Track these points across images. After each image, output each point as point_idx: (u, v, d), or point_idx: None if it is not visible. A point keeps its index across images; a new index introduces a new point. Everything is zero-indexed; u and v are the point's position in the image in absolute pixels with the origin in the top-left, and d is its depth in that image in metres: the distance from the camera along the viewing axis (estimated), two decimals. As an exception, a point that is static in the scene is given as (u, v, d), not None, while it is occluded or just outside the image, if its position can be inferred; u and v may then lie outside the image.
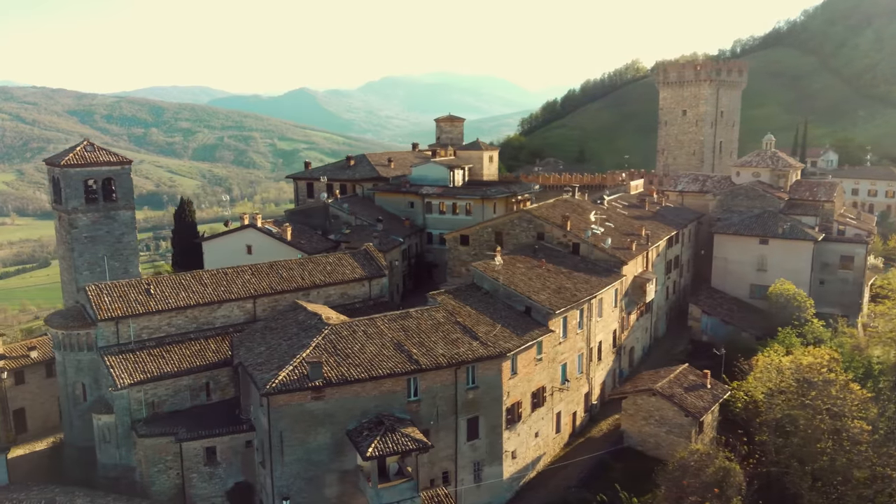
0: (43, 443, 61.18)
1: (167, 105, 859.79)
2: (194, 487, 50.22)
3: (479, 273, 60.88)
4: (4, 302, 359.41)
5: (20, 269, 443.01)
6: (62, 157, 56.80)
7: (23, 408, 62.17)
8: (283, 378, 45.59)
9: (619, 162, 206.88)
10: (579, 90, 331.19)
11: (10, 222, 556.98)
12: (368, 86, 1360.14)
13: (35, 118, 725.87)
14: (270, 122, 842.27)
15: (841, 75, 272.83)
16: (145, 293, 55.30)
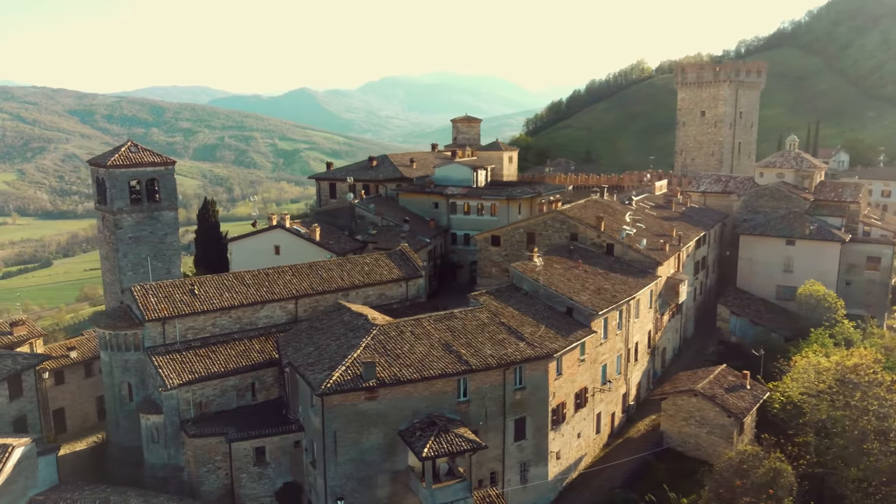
0: (83, 442, 61.32)
1: (167, 105, 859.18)
2: (244, 487, 50.33)
3: (517, 274, 61.01)
4: (6, 302, 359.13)
5: (22, 268, 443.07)
6: (107, 158, 56.88)
7: (62, 408, 62.27)
8: (337, 378, 45.66)
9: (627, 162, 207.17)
10: (584, 90, 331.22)
11: (11, 222, 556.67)
12: (368, 86, 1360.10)
13: (36, 118, 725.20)
14: (271, 122, 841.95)
15: (847, 76, 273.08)
16: (190, 293, 55.42)
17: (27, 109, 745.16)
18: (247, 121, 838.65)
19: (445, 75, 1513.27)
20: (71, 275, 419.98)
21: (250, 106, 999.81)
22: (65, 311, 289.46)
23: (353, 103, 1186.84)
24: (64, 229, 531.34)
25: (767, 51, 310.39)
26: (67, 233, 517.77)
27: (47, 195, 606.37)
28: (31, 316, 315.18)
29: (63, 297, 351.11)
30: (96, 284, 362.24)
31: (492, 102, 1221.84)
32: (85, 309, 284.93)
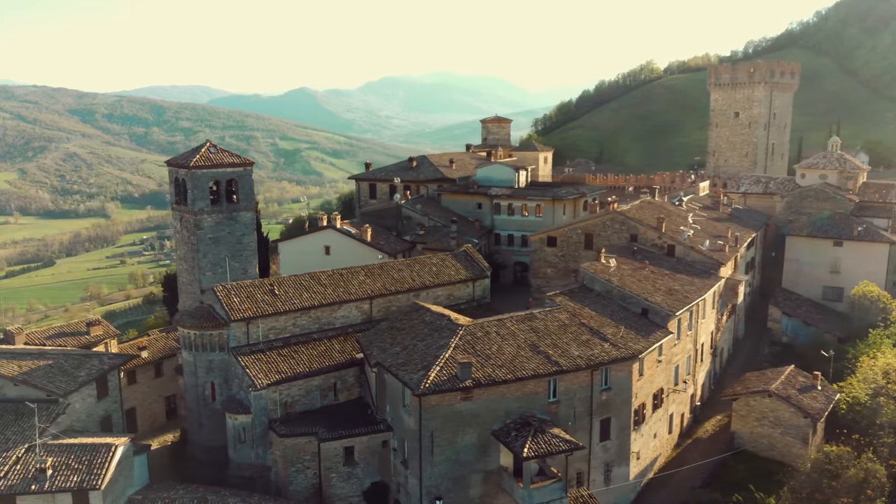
0: (155, 442, 61.41)
1: (168, 104, 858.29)
2: (333, 487, 50.56)
3: (589, 275, 61.31)
4: (11, 301, 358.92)
5: (25, 268, 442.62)
6: (187, 159, 57.06)
7: (133, 407, 62.40)
8: (433, 378, 45.88)
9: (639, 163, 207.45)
10: (593, 90, 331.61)
11: (13, 221, 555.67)
12: (368, 86, 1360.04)
13: (36, 117, 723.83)
14: (271, 122, 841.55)
15: (857, 77, 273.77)
16: (270, 294, 55.59)
17: (27, 108, 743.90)
18: (247, 120, 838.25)
19: (445, 75, 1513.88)
20: (74, 274, 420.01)
21: (250, 105, 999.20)
22: (75, 311, 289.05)
23: (353, 103, 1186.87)
24: (66, 228, 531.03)
25: (775, 51, 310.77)
26: (70, 232, 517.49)
27: (49, 194, 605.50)
28: (38, 315, 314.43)
29: (67, 297, 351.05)
30: (101, 284, 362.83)
31: (491, 102, 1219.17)
32: (95, 308, 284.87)
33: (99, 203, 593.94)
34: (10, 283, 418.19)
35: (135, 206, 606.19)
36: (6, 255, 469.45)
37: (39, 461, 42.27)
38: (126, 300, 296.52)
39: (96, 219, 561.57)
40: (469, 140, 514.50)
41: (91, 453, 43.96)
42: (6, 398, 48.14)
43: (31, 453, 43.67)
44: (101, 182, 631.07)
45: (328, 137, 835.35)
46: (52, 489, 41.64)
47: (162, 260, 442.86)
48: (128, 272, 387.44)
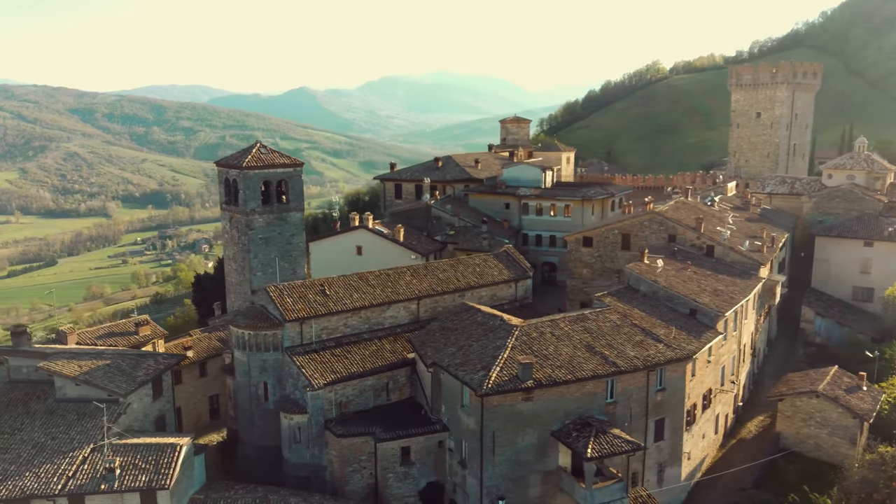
0: (201, 441, 61.36)
1: (168, 104, 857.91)
2: (389, 487, 50.68)
3: (634, 275, 61.47)
4: (15, 300, 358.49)
5: (27, 267, 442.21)
6: (238, 160, 57.10)
7: (179, 407, 62.24)
8: (495, 379, 46.02)
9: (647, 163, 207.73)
10: (599, 91, 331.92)
11: (14, 221, 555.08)
12: (368, 85, 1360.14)
13: (37, 116, 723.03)
14: (272, 122, 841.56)
15: (865, 77, 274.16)
16: (321, 294, 55.71)
17: (28, 108, 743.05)
18: (248, 120, 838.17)
19: (445, 75, 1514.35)
20: (77, 273, 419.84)
21: (250, 105, 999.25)
22: (81, 310, 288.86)
23: (352, 103, 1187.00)
24: (67, 228, 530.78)
25: (781, 52, 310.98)
26: (71, 231, 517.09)
27: (50, 194, 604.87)
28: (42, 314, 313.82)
29: (70, 296, 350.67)
30: (104, 283, 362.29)
31: (491, 102, 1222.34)
32: (101, 308, 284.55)
33: (100, 202, 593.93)
34: (12, 283, 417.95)
35: (136, 205, 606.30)
36: (8, 254, 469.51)
37: (108, 461, 42.38)
38: (132, 300, 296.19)
39: (97, 218, 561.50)
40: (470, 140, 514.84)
41: (157, 453, 44.06)
42: (66, 398, 48.20)
43: (98, 453, 43.78)
44: (101, 181, 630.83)
45: (329, 137, 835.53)
46: (122, 489, 41.68)
47: (164, 260, 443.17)
48: (130, 272, 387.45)
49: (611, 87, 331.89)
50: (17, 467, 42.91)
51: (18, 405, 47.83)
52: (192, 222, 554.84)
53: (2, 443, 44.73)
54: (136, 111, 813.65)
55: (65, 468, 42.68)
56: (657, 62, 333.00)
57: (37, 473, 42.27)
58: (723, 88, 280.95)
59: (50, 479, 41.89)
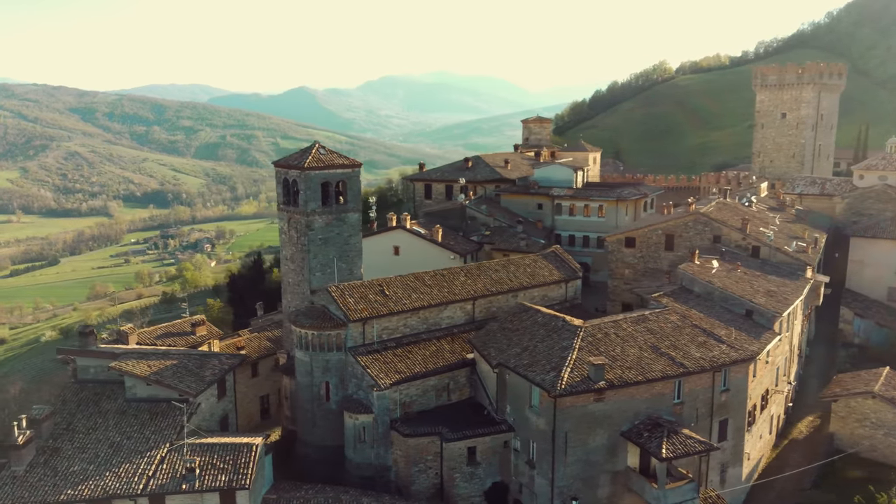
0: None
1: (168, 103, 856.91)
2: (456, 487, 50.76)
3: (688, 276, 61.58)
4: (18, 299, 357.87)
5: (29, 266, 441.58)
6: (297, 160, 57.09)
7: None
8: (567, 380, 46.11)
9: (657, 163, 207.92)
10: (606, 91, 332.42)
11: (15, 220, 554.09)
12: (368, 85, 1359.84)
13: (37, 116, 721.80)
14: (272, 121, 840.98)
15: (873, 77, 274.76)
16: (381, 294, 55.77)
17: (28, 107, 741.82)
18: (248, 119, 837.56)
19: (444, 75, 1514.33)
20: (79, 273, 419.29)
21: (250, 104, 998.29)
22: (90, 310, 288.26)
23: (352, 102, 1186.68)
24: (69, 227, 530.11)
25: (787, 52, 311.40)
26: (73, 231, 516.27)
27: (51, 193, 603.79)
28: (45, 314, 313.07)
29: (73, 296, 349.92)
30: (107, 282, 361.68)
31: (491, 102, 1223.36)
32: (106, 308, 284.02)
33: (101, 202, 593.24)
34: (14, 282, 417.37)
35: (137, 204, 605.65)
36: (10, 253, 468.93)
37: (188, 461, 42.43)
38: (138, 299, 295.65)
39: (99, 217, 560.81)
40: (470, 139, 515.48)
41: (234, 453, 44.13)
42: (136, 397, 48.23)
43: (176, 453, 43.82)
44: (102, 181, 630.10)
45: (329, 137, 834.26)
46: (202, 489, 41.73)
47: (166, 259, 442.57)
48: (133, 271, 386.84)
49: (617, 88, 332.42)
50: (95, 467, 42.98)
51: (90, 405, 47.86)
52: (193, 222, 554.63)
53: (78, 442, 44.73)
54: (137, 110, 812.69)
55: (144, 468, 42.74)
56: (664, 62, 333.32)
57: (117, 473, 42.32)
58: (729, 89, 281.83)
59: (131, 478, 41.96)
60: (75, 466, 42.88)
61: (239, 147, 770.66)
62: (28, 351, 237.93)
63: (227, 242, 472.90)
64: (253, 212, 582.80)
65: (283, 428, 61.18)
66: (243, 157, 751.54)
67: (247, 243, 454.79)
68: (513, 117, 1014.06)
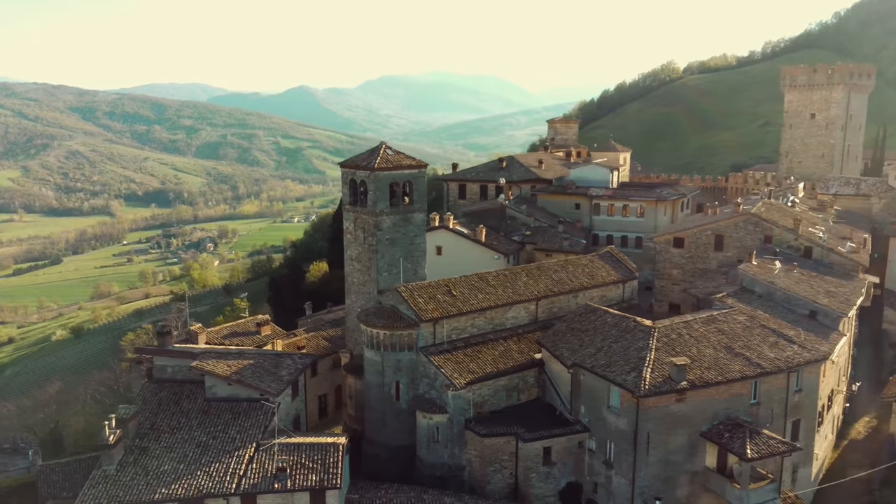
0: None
1: (169, 102, 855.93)
2: (532, 487, 50.85)
3: (748, 276, 61.69)
4: (22, 298, 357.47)
5: (32, 265, 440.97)
6: (367, 161, 57.05)
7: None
8: (650, 380, 46.20)
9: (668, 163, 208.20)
10: (614, 90, 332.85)
11: (17, 219, 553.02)
12: (367, 84, 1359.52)
13: (38, 115, 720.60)
14: (273, 121, 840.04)
15: (883, 78, 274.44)
16: (448, 294, 55.85)
17: (29, 106, 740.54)
18: (249, 118, 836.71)
19: (444, 74, 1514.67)
20: (82, 272, 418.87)
21: (250, 103, 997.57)
22: (99, 309, 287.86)
23: (352, 102, 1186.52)
24: (71, 226, 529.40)
25: (795, 52, 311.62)
26: (75, 230, 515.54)
27: (52, 192, 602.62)
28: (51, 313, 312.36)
29: (77, 295, 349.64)
30: (111, 282, 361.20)
31: (491, 102, 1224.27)
32: (116, 307, 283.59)
33: (103, 201, 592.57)
34: (18, 281, 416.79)
35: (139, 203, 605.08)
36: (12, 252, 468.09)
37: (280, 460, 42.44)
38: (145, 298, 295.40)
39: (101, 217, 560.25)
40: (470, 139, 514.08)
41: (322, 452, 44.19)
42: (216, 397, 48.22)
43: (263, 452, 43.82)
44: (104, 180, 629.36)
45: (330, 136, 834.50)
46: (294, 488, 41.77)
47: (169, 258, 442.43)
48: (135, 270, 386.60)
49: (625, 87, 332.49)
50: (185, 466, 42.96)
51: (170, 404, 47.83)
52: (195, 221, 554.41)
53: (165, 442, 44.73)
54: (137, 109, 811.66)
55: (234, 467, 42.68)
56: (671, 62, 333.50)
57: (208, 472, 42.32)
58: (738, 89, 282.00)
59: (222, 478, 41.98)
60: (165, 466, 42.86)
61: (240, 146, 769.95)
62: (38, 350, 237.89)
63: (230, 242, 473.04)
64: (254, 211, 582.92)
65: (345, 427, 61.12)
66: (244, 157, 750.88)
67: (249, 242, 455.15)
68: (513, 117, 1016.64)
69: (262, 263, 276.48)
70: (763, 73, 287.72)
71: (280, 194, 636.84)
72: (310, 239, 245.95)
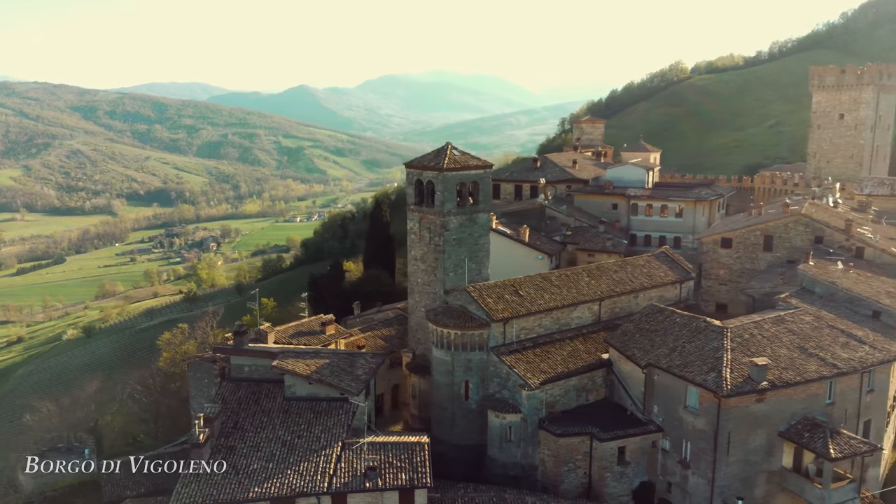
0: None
1: (169, 101, 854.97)
2: (607, 486, 50.90)
3: (809, 276, 61.81)
4: (27, 298, 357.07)
5: (36, 264, 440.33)
6: (434, 161, 56.96)
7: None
8: (731, 380, 46.29)
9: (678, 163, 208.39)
10: (622, 90, 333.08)
11: (19, 218, 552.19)
12: (367, 84, 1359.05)
13: (38, 114, 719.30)
14: (274, 120, 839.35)
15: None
16: (515, 294, 55.91)
17: (29, 105, 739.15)
18: (249, 118, 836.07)
19: (444, 74, 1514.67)
20: (86, 271, 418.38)
21: (250, 103, 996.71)
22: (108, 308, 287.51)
23: (352, 101, 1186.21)
24: (73, 225, 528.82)
25: (802, 52, 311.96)
26: (77, 229, 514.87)
27: (54, 191, 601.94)
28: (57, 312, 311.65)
29: (82, 294, 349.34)
30: (115, 281, 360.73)
31: (491, 102, 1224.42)
32: (126, 306, 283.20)
33: (105, 200, 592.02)
34: (22, 280, 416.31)
35: (140, 203, 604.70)
36: (15, 251, 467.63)
37: (369, 459, 42.48)
38: (153, 297, 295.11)
39: (103, 216, 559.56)
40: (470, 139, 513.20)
41: (408, 451, 44.28)
42: (296, 396, 48.21)
43: (349, 451, 43.84)
44: (105, 179, 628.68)
45: (331, 136, 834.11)
46: (385, 487, 41.80)
47: (172, 258, 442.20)
48: (139, 269, 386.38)
49: (633, 88, 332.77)
50: (274, 465, 42.93)
51: (250, 403, 47.83)
52: (197, 220, 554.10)
53: (250, 441, 44.72)
54: (138, 109, 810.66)
55: (324, 466, 42.69)
56: (679, 62, 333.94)
57: (298, 471, 42.31)
58: (746, 89, 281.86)
59: (313, 476, 42.02)
60: (254, 465, 42.87)
61: (241, 146, 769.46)
62: (51, 349, 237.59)
63: (233, 241, 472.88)
64: (256, 210, 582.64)
65: (405, 426, 61.17)
66: (245, 156, 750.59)
67: (252, 242, 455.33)
68: (513, 116, 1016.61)
69: (273, 263, 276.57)
70: (771, 74, 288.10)
71: (282, 194, 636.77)
72: (319, 238, 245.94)
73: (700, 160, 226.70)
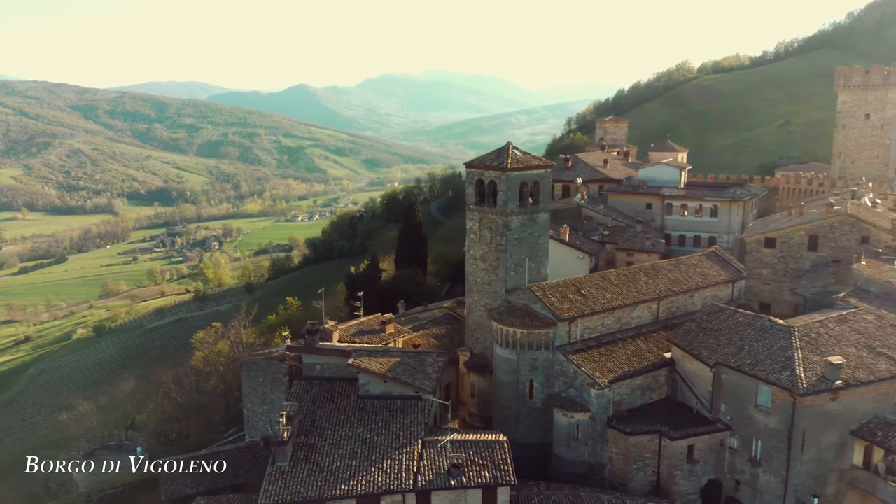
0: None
1: (169, 101, 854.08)
2: (675, 484, 51.00)
3: (864, 276, 61.99)
4: (30, 297, 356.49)
5: (38, 264, 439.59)
6: (496, 161, 57.00)
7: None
8: (805, 379, 46.46)
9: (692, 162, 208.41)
10: (628, 90, 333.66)
11: (20, 217, 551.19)
12: (367, 83, 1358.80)
13: (38, 113, 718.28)
14: (274, 119, 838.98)
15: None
16: (578, 294, 56.02)
17: (29, 104, 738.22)
18: (250, 117, 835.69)
19: (443, 73, 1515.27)
20: (88, 270, 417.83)
21: (249, 102, 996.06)
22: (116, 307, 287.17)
23: (352, 100, 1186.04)
24: (74, 224, 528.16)
25: (808, 52, 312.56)
26: (78, 228, 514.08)
27: (55, 190, 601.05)
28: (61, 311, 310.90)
29: (85, 293, 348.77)
30: (118, 280, 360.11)
31: (491, 101, 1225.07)
32: (135, 305, 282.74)
33: (106, 199, 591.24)
34: (25, 280, 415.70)
35: (141, 202, 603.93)
36: (17, 250, 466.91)
37: (453, 457, 42.58)
38: (161, 297, 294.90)
39: (104, 215, 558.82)
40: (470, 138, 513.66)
41: (489, 449, 44.37)
42: (370, 394, 48.28)
43: (430, 448, 43.90)
44: (106, 178, 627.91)
45: (331, 135, 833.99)
46: (469, 485, 41.90)
47: (174, 257, 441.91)
48: (142, 269, 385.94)
49: (640, 87, 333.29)
50: (357, 463, 42.98)
51: (325, 401, 47.89)
52: (199, 219, 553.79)
53: (329, 439, 44.78)
54: (138, 108, 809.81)
55: (407, 464, 42.76)
56: (686, 62, 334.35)
57: (382, 469, 42.37)
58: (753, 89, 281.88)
59: (398, 474, 42.08)
60: (336, 462, 42.91)
61: (241, 145, 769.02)
62: (62, 348, 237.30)
63: (235, 240, 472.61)
64: (258, 209, 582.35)
65: (464, 423, 61.19)
66: (246, 155, 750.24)
67: (254, 241, 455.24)
68: (513, 116, 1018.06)
69: (281, 262, 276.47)
70: (777, 74, 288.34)
71: (283, 193, 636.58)
72: (328, 238, 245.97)
73: (707, 160, 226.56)
